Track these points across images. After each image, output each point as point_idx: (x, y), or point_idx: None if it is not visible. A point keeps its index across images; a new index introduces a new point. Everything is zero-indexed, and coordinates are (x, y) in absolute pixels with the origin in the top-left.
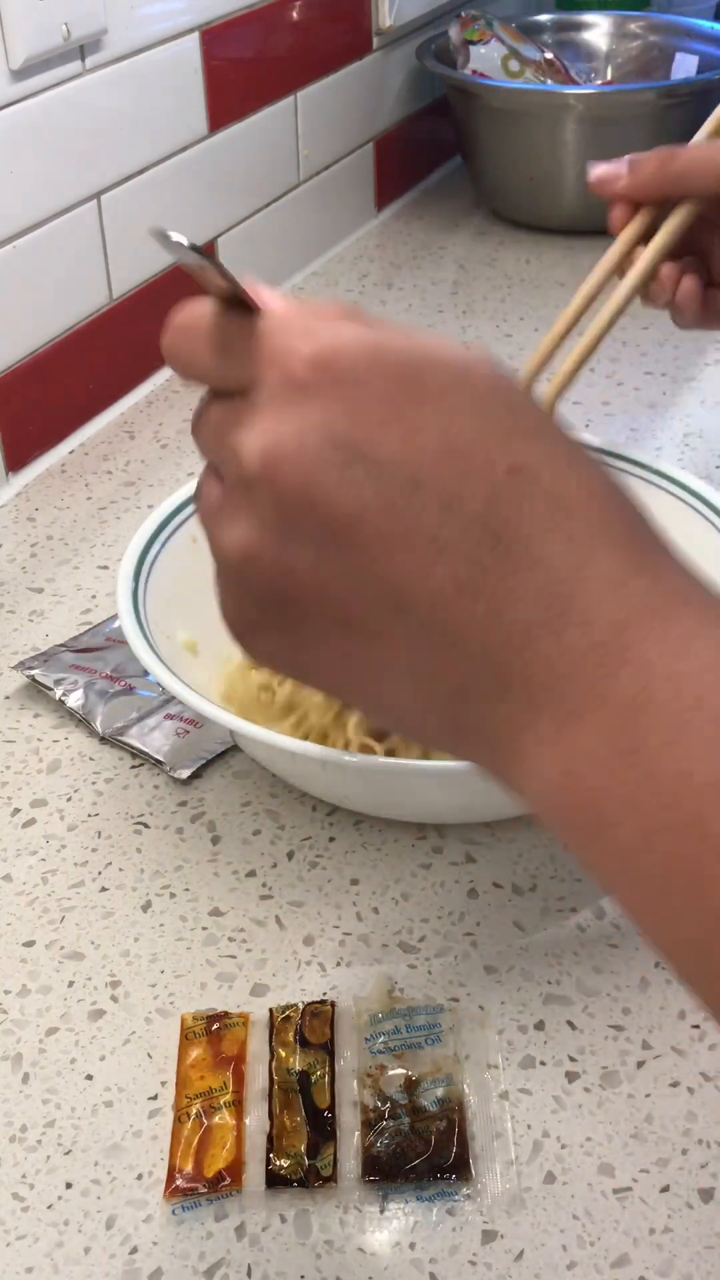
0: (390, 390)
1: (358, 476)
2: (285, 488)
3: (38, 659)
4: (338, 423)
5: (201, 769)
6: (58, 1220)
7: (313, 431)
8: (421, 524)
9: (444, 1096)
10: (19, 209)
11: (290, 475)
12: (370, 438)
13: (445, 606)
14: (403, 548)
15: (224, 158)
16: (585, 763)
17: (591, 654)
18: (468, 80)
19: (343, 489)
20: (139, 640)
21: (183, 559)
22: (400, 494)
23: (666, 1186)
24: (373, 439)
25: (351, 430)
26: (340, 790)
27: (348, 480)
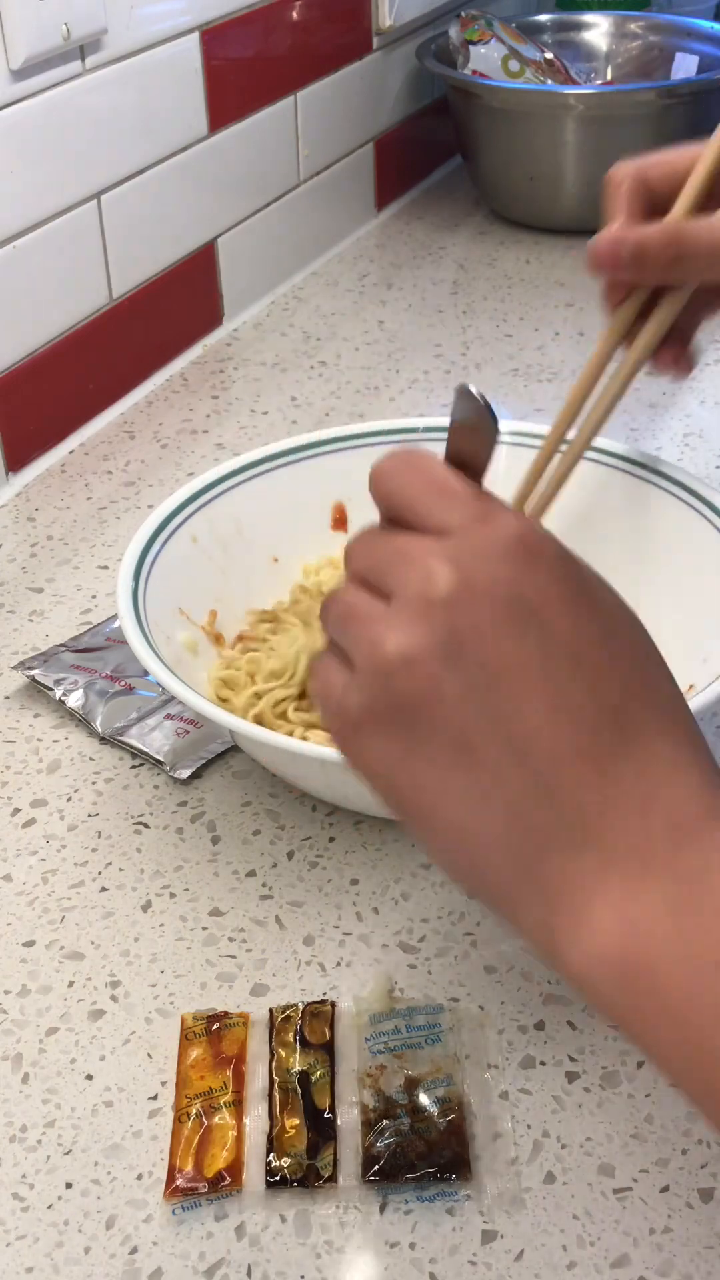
0: (574, 585)
1: (530, 636)
2: (466, 616)
3: (38, 659)
4: (528, 588)
5: (201, 769)
6: (58, 1220)
7: (505, 584)
8: (569, 692)
9: (444, 1096)
10: (19, 209)
11: (474, 608)
12: (548, 611)
13: (561, 764)
14: (546, 707)
15: (224, 158)
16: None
17: (667, 831)
18: (468, 80)
19: (515, 640)
20: (139, 640)
21: (183, 559)
22: (560, 664)
23: (666, 1186)
24: (550, 613)
25: (536, 599)
26: (340, 790)
27: (520, 635)
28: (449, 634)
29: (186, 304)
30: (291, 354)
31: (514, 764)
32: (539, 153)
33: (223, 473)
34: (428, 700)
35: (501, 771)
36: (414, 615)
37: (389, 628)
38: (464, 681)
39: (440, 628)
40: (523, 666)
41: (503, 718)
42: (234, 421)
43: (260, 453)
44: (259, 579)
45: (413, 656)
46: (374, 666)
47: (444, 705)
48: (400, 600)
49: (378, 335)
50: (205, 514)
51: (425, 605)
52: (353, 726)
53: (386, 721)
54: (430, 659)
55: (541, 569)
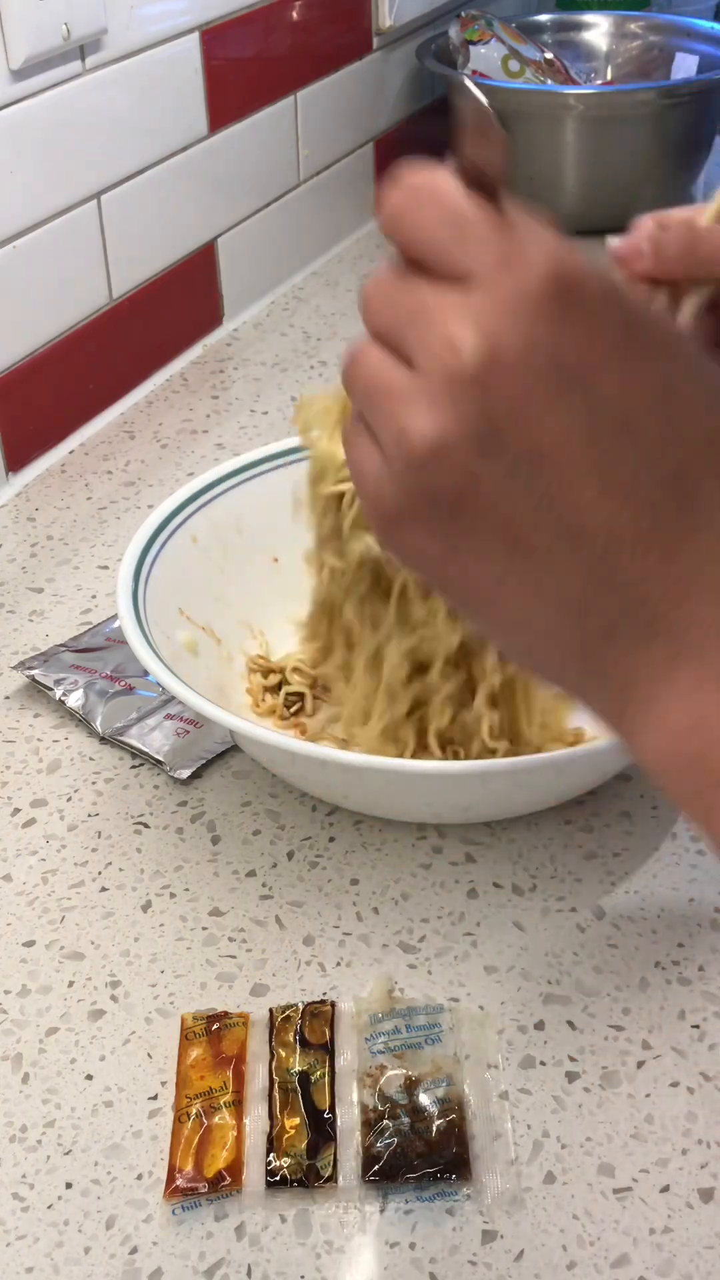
0: (619, 333)
1: (572, 405)
2: (498, 397)
3: (37, 659)
4: (565, 348)
5: (201, 769)
6: (58, 1220)
7: (540, 349)
8: (620, 467)
9: (444, 1096)
10: (19, 209)
11: (507, 387)
12: (593, 372)
13: (619, 549)
14: (595, 485)
15: (224, 158)
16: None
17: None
18: None
19: (555, 413)
20: (139, 640)
21: (183, 558)
22: (608, 433)
23: (666, 1186)
24: (595, 374)
25: (578, 360)
26: (340, 790)
27: (562, 406)
28: (480, 415)
29: (186, 304)
30: (291, 354)
31: (567, 552)
32: (539, 153)
33: (223, 472)
34: (465, 491)
35: (554, 561)
36: (439, 395)
37: (414, 411)
38: (503, 467)
39: (470, 409)
40: (566, 442)
41: (549, 502)
42: (234, 421)
43: (261, 452)
44: (259, 579)
45: (443, 445)
46: (404, 458)
47: (484, 495)
48: (423, 374)
49: None
50: (206, 514)
51: (450, 382)
52: (391, 520)
53: (425, 515)
54: (462, 447)
55: (580, 319)
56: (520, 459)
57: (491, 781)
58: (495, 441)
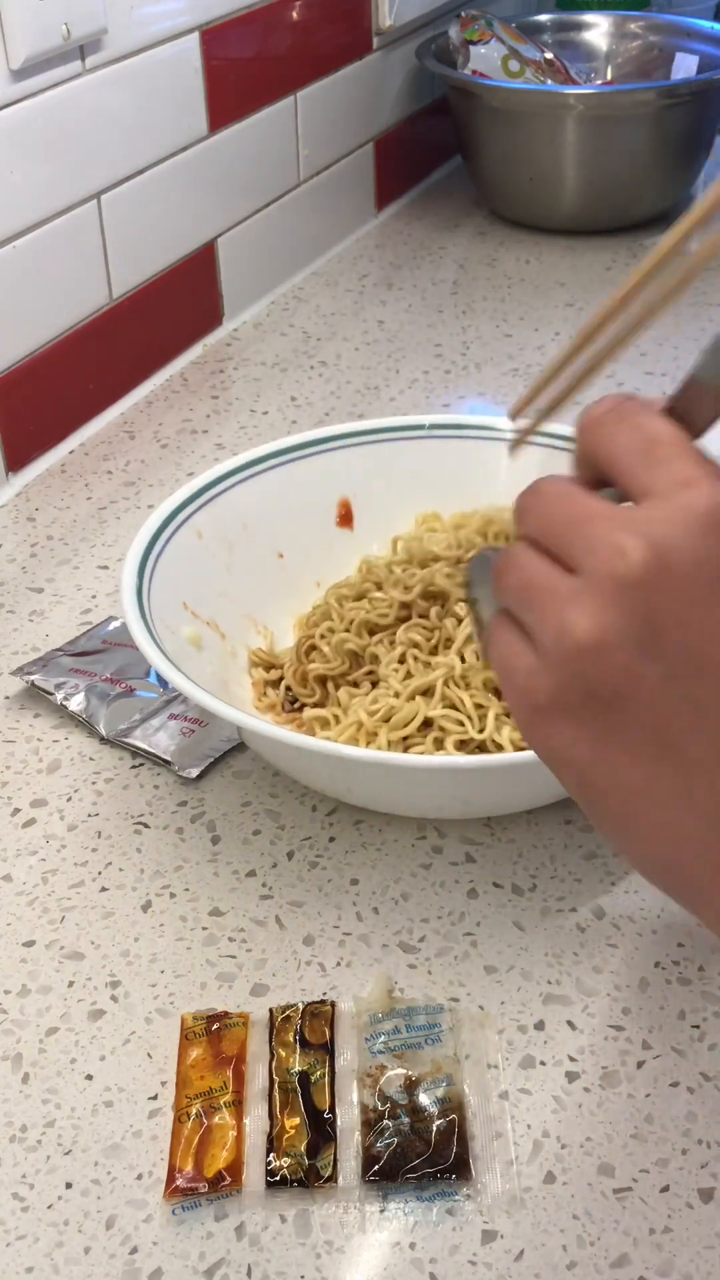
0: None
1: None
2: (664, 603)
3: (36, 664)
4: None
5: (208, 768)
6: (58, 1220)
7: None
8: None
9: (444, 1096)
10: (19, 209)
11: (672, 591)
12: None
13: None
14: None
15: (224, 158)
16: None
17: None
18: (468, 80)
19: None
20: (144, 635)
21: (187, 554)
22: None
23: (666, 1186)
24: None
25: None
26: (342, 784)
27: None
28: (645, 618)
29: (186, 304)
30: (291, 354)
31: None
32: (539, 153)
33: (228, 469)
34: (624, 691)
35: (707, 768)
36: (605, 596)
37: (578, 610)
38: (663, 670)
39: (635, 612)
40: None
41: (708, 710)
42: (234, 421)
43: (266, 449)
44: (264, 575)
45: (606, 643)
46: (564, 652)
47: (642, 696)
48: (589, 577)
49: (378, 335)
50: (210, 510)
51: (617, 586)
52: (541, 713)
53: (579, 710)
54: (625, 646)
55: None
56: (680, 664)
57: (492, 775)
58: (657, 644)
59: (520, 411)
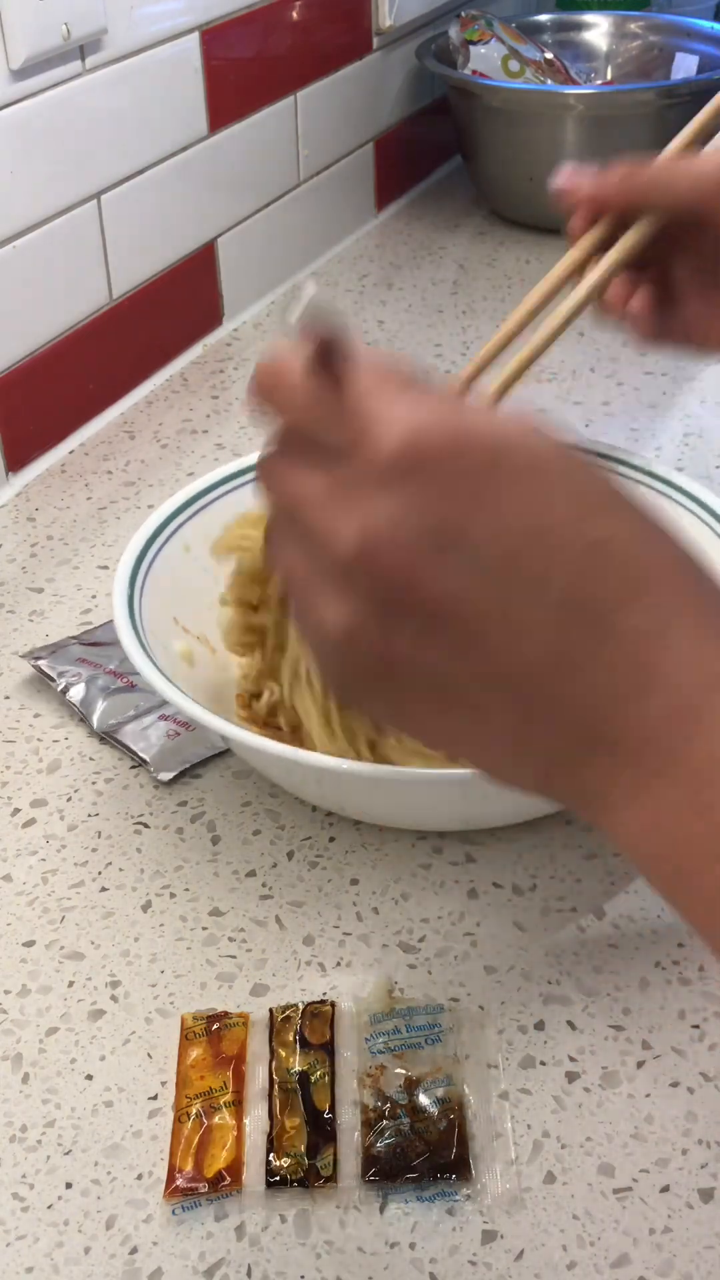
0: (475, 474)
1: (452, 561)
2: (384, 575)
3: (46, 649)
4: (430, 509)
5: (197, 770)
6: (58, 1220)
7: (407, 519)
8: (513, 603)
9: (444, 1096)
10: (19, 209)
11: (389, 563)
12: (461, 523)
13: (537, 680)
14: (497, 628)
15: (224, 158)
16: (667, 817)
17: (673, 718)
18: (468, 80)
19: (439, 574)
20: (137, 651)
21: (176, 568)
22: (492, 576)
23: (666, 1186)
24: (464, 525)
25: (443, 516)
26: (336, 800)
27: (443, 565)
28: (374, 593)
29: (186, 304)
30: None
31: (495, 694)
32: (539, 153)
33: (213, 480)
34: (386, 662)
35: (485, 705)
36: (335, 584)
37: (322, 602)
38: (412, 633)
39: (365, 591)
40: (460, 595)
41: (463, 655)
42: (234, 421)
43: (250, 459)
44: None
45: (351, 629)
46: (326, 648)
47: (402, 662)
48: (318, 566)
49: (378, 335)
50: (197, 522)
51: (340, 571)
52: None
53: (363, 686)
54: (369, 627)
55: (435, 476)
56: (424, 623)
57: (491, 790)
58: (396, 613)
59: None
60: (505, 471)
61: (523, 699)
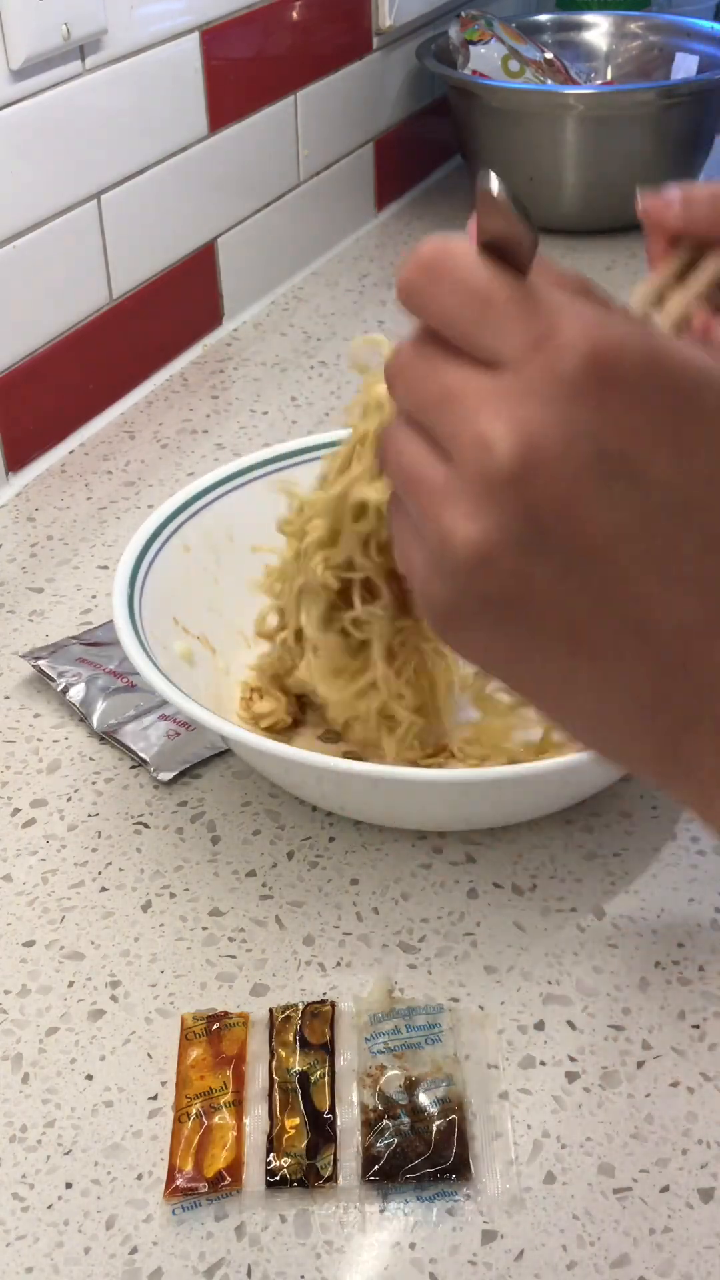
0: (667, 406)
1: (622, 494)
2: (541, 497)
3: (46, 649)
4: (608, 434)
5: (197, 770)
6: (58, 1220)
7: (580, 440)
8: (680, 554)
9: (444, 1096)
10: (19, 209)
11: (549, 484)
12: (641, 455)
13: (690, 640)
14: (656, 575)
15: (224, 158)
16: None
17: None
18: (468, 80)
19: (604, 506)
20: (138, 652)
21: (176, 568)
22: (663, 519)
23: (666, 1186)
24: (644, 457)
25: (623, 444)
26: (336, 800)
27: (611, 497)
28: (525, 516)
29: (186, 304)
30: (291, 354)
31: (634, 647)
32: (539, 153)
33: (212, 480)
34: (519, 596)
35: (624, 656)
36: (479, 496)
37: (455, 514)
38: (556, 567)
39: (513, 511)
40: (620, 535)
41: (611, 598)
42: (234, 421)
43: (250, 459)
44: (253, 588)
45: (489, 551)
46: (448, 564)
47: (539, 598)
48: (459, 472)
49: None
50: (196, 522)
51: (489, 483)
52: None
53: (479, 617)
54: (510, 551)
55: (622, 401)
56: (573, 558)
57: (492, 790)
58: (544, 542)
59: None
60: (704, 409)
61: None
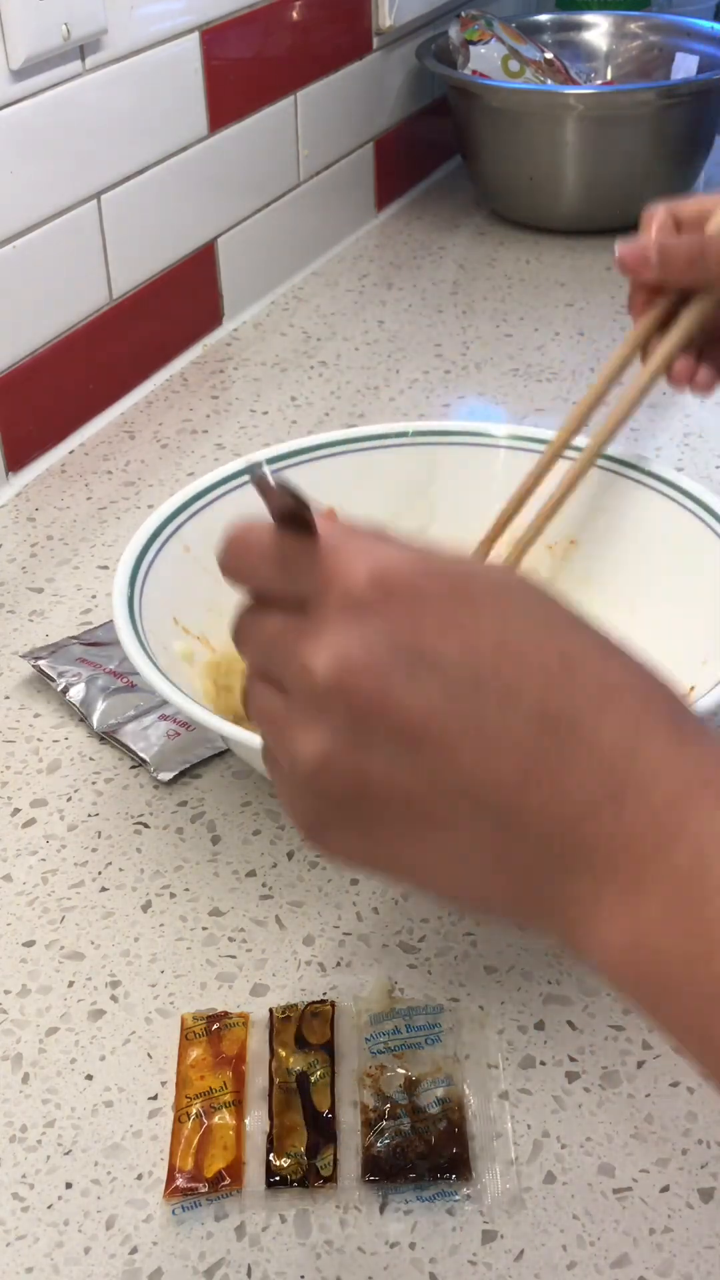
0: (444, 600)
1: (424, 681)
2: (358, 697)
3: (46, 649)
4: (401, 633)
5: (198, 769)
6: (58, 1220)
7: (379, 643)
8: (485, 720)
9: (444, 1096)
10: (19, 209)
11: (362, 685)
12: (432, 644)
13: (511, 795)
14: (470, 744)
15: (224, 158)
16: (649, 932)
17: (649, 828)
18: (468, 80)
19: (412, 693)
20: (137, 652)
21: (176, 569)
22: (464, 694)
23: (666, 1186)
24: (435, 645)
25: (414, 638)
26: None
27: (416, 685)
28: (347, 717)
29: (186, 304)
30: (291, 354)
31: (469, 808)
32: (539, 153)
33: (212, 480)
34: (360, 787)
35: (460, 823)
36: (309, 714)
37: (296, 734)
38: (387, 754)
39: (340, 715)
40: (430, 714)
41: (437, 773)
42: (234, 421)
43: (250, 459)
44: None
45: (326, 756)
46: (298, 779)
47: (377, 785)
48: (292, 698)
49: (378, 335)
50: (196, 522)
51: (314, 699)
52: (311, 831)
53: (336, 818)
54: (343, 751)
55: (405, 602)
56: (398, 743)
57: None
58: (370, 736)
59: None
60: (471, 595)
61: (496, 815)
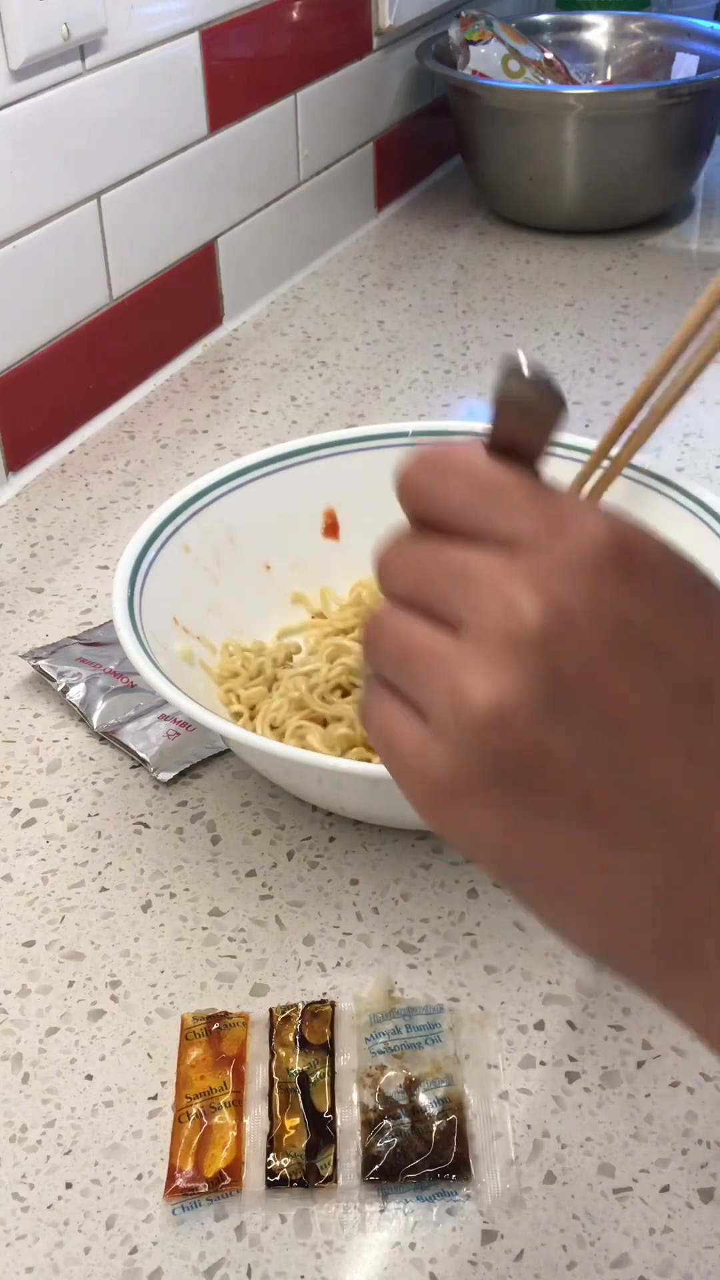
0: (686, 594)
1: (649, 671)
2: (567, 662)
3: (46, 649)
4: (636, 611)
5: (198, 769)
6: (58, 1220)
7: (609, 613)
8: (706, 734)
9: (444, 1096)
10: (19, 209)
11: (577, 651)
12: (666, 636)
13: (710, 822)
14: (681, 755)
15: (224, 158)
16: None
17: None
18: (468, 80)
19: (630, 680)
20: (137, 652)
21: (176, 568)
22: (689, 699)
23: (666, 1186)
24: (669, 638)
25: (649, 623)
26: (336, 800)
27: (637, 672)
28: (549, 677)
29: (186, 304)
30: (291, 354)
31: (654, 825)
32: (539, 153)
33: (212, 480)
34: (536, 760)
35: (640, 835)
36: (500, 657)
37: (471, 673)
38: (579, 734)
39: (537, 672)
40: (646, 709)
41: (632, 773)
42: (234, 421)
43: (249, 460)
44: (252, 587)
45: (509, 710)
46: (462, 725)
47: (557, 764)
48: (477, 636)
49: (378, 335)
50: (196, 522)
51: (512, 644)
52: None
53: (487, 789)
54: (532, 711)
55: (646, 584)
56: (595, 727)
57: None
58: (568, 706)
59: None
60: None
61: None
